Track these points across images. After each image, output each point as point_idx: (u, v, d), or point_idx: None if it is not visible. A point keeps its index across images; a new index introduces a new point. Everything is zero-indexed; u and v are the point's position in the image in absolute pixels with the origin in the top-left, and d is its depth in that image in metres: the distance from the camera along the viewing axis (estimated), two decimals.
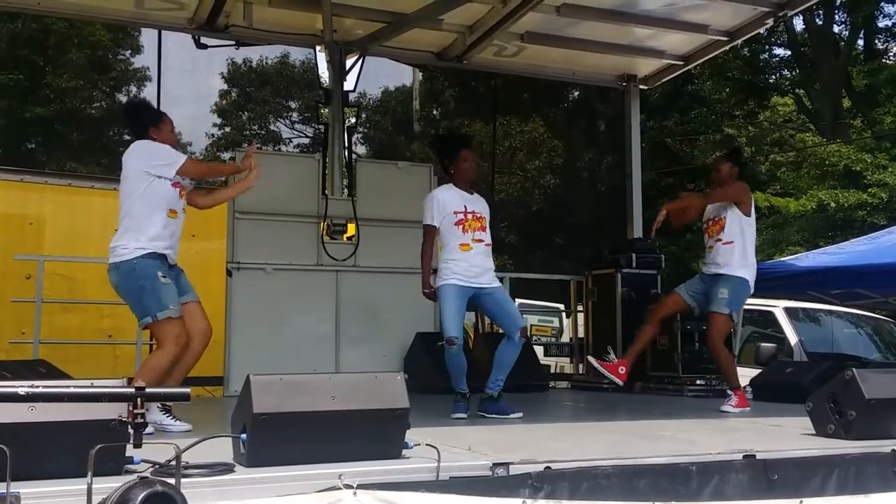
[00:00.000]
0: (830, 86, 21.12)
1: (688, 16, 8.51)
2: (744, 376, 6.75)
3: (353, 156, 8.78)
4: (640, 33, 8.82)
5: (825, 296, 9.85)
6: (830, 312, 9.98)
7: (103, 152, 25.38)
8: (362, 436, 3.32)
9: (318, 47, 8.70)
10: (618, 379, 6.28)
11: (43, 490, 2.72)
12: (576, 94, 23.41)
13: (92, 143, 25.51)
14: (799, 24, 21.98)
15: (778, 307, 9.40)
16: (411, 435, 3.47)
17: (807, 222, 18.48)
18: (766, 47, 23.09)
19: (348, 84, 8.49)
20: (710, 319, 6.29)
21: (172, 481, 2.54)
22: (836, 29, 22.34)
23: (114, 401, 2.80)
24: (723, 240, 6.29)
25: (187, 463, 2.88)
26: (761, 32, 12.44)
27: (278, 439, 3.17)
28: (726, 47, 9.53)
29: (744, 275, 6.23)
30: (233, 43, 8.53)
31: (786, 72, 23.89)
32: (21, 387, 2.51)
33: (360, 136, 26.02)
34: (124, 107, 5.04)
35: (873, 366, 8.14)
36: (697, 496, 3.43)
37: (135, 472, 2.92)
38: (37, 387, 2.54)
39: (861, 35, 22.43)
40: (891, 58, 22.90)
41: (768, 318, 9.50)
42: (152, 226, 4.70)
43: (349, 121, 9.62)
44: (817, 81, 21.74)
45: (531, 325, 13.92)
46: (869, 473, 3.75)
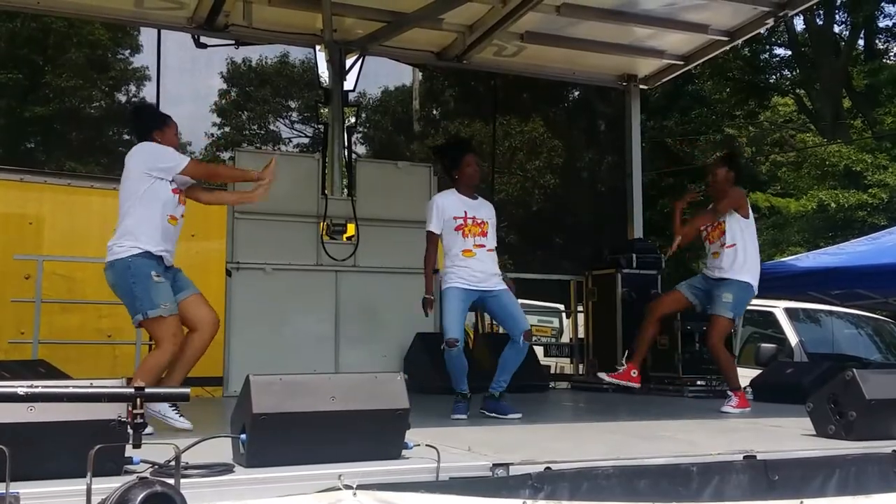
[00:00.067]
0: (831, 86, 21.12)
1: (688, 16, 8.51)
2: (744, 377, 6.75)
3: (353, 156, 8.78)
4: (640, 33, 8.81)
5: (825, 296, 9.85)
6: (831, 313, 9.97)
7: (103, 152, 25.38)
8: (362, 436, 3.32)
9: (317, 47, 8.70)
10: (633, 383, 6.38)
11: (42, 490, 2.72)
12: (576, 93, 23.41)
13: (91, 143, 25.50)
14: (799, 24, 22.01)
15: (778, 308, 9.40)
16: (411, 435, 3.46)
17: (807, 223, 18.47)
18: (767, 47, 23.10)
19: (348, 84, 8.49)
20: (711, 321, 6.29)
21: (172, 482, 2.53)
22: (836, 29, 22.37)
23: (113, 401, 2.80)
24: (725, 244, 6.30)
25: (187, 463, 2.88)
26: (762, 32, 12.41)
27: (278, 440, 3.17)
28: (727, 47, 9.52)
29: (748, 279, 6.24)
30: (232, 42, 8.53)
31: (786, 72, 23.90)
32: (20, 387, 2.50)
33: (359, 135, 26.03)
34: (129, 110, 5.05)
35: (874, 366, 8.13)
36: (698, 497, 3.43)
37: (134, 472, 2.92)
38: (36, 387, 2.54)
39: (861, 35, 22.43)
40: (891, 58, 22.92)
41: (768, 319, 9.50)
42: (150, 228, 4.70)
43: (349, 120, 9.62)
44: (818, 81, 21.74)
45: (531, 326, 13.92)
46: (870, 474, 3.75)
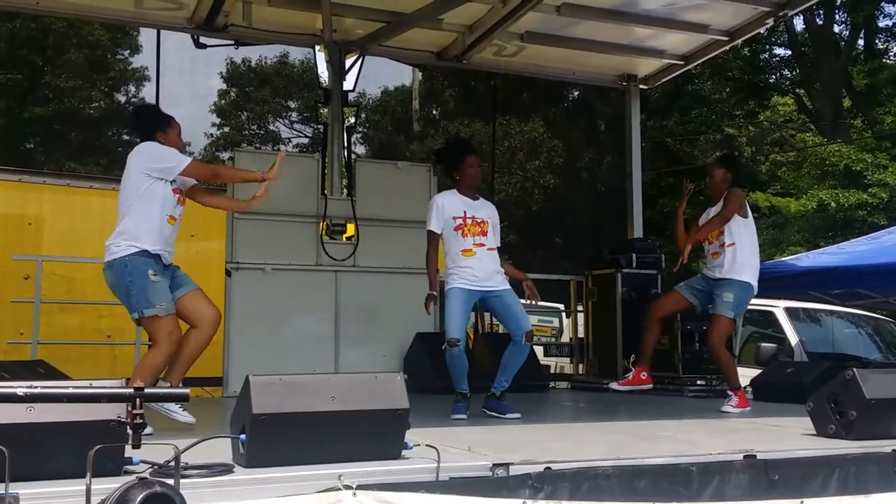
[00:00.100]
0: (831, 85, 21.13)
1: (688, 15, 8.50)
2: (744, 376, 6.74)
3: (353, 156, 8.78)
4: (640, 33, 8.81)
5: (826, 296, 9.84)
6: (831, 312, 9.97)
7: (102, 152, 25.39)
8: (362, 436, 3.32)
9: (317, 47, 8.70)
10: (645, 385, 6.44)
11: (42, 491, 2.71)
12: (576, 93, 23.41)
13: (90, 143, 25.50)
14: (799, 24, 22.01)
15: (778, 307, 9.39)
16: (411, 435, 3.46)
17: (807, 222, 18.47)
18: (767, 47, 23.10)
19: (348, 84, 8.48)
20: (712, 321, 6.29)
21: (171, 482, 2.53)
22: (836, 29, 22.37)
23: (112, 401, 2.80)
24: (725, 243, 6.29)
25: (186, 464, 2.88)
26: (762, 32, 12.43)
27: (278, 440, 3.17)
28: (727, 47, 9.52)
29: (748, 279, 6.23)
30: (232, 42, 8.53)
31: (786, 71, 23.90)
32: (20, 387, 2.50)
33: (359, 135, 26.03)
34: (133, 110, 5.04)
35: (874, 366, 8.13)
36: (698, 497, 3.43)
37: (134, 472, 2.91)
38: (35, 387, 2.54)
39: (861, 35, 22.44)
40: (891, 57, 22.94)
41: (769, 318, 9.49)
42: (148, 227, 4.71)
43: (348, 121, 9.62)
44: (818, 81, 21.74)
45: (531, 326, 13.89)
46: (870, 473, 3.75)
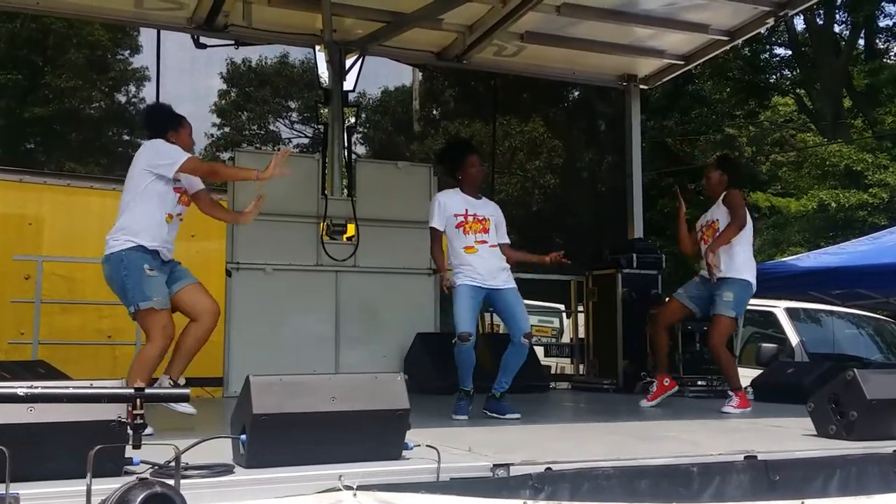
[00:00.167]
0: (831, 85, 21.12)
1: (688, 15, 8.49)
2: (745, 377, 6.74)
3: (353, 156, 8.77)
4: (640, 33, 8.80)
5: (826, 296, 9.83)
6: (831, 313, 9.95)
7: (102, 152, 25.38)
8: (362, 437, 3.32)
9: (317, 47, 8.70)
10: (671, 389, 6.41)
11: (42, 491, 2.71)
12: (576, 93, 23.40)
13: (91, 144, 25.49)
14: (799, 24, 21.99)
15: (779, 307, 9.38)
16: (411, 436, 3.46)
17: (808, 222, 18.46)
18: (767, 47, 23.09)
19: (348, 84, 8.48)
20: (713, 321, 6.28)
21: (172, 482, 2.53)
22: (836, 29, 22.37)
23: (113, 401, 2.80)
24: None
25: (187, 464, 2.88)
26: (762, 32, 12.43)
27: (278, 440, 3.16)
28: (727, 47, 9.51)
29: (747, 277, 6.22)
30: (232, 43, 8.53)
31: (786, 71, 23.89)
32: (20, 387, 2.50)
33: (359, 136, 26.00)
34: (145, 109, 5.02)
35: (875, 366, 8.13)
36: (698, 497, 3.43)
37: (134, 473, 2.91)
38: (36, 387, 2.54)
39: (862, 35, 22.43)
40: (892, 57, 22.92)
41: (769, 319, 9.48)
42: (146, 223, 4.72)
43: (349, 121, 9.62)
44: (818, 81, 21.74)
45: (531, 326, 13.88)
46: (870, 474, 3.75)
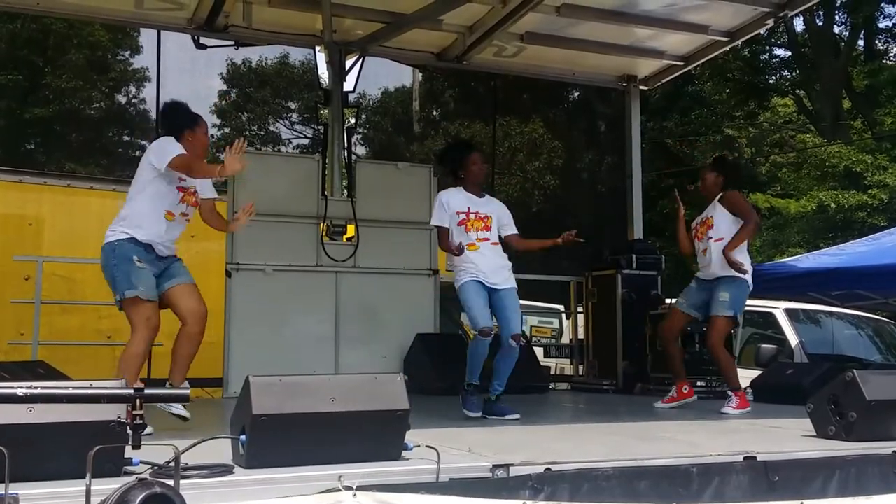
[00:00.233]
0: (831, 86, 21.13)
1: (688, 16, 8.50)
2: (744, 378, 6.74)
3: (353, 156, 8.77)
4: (640, 34, 8.80)
5: (825, 297, 9.82)
6: (831, 314, 9.95)
7: (102, 153, 25.36)
8: (362, 437, 3.32)
9: (317, 48, 8.70)
10: (689, 398, 6.38)
11: (41, 492, 2.71)
12: (576, 94, 23.42)
13: (91, 144, 25.47)
14: (799, 25, 22.03)
15: (778, 308, 9.39)
16: (411, 436, 3.46)
17: (807, 223, 18.47)
18: (767, 48, 23.12)
19: (348, 84, 8.48)
20: (711, 321, 6.27)
21: (171, 483, 2.53)
22: (836, 29, 22.39)
23: (112, 402, 2.80)
24: (713, 237, 6.26)
25: (186, 464, 2.88)
26: (761, 33, 12.43)
27: (278, 441, 3.16)
28: (726, 48, 9.52)
29: (742, 275, 6.20)
30: (232, 43, 8.53)
31: (786, 72, 23.92)
32: (20, 388, 2.50)
33: (359, 136, 26.01)
34: (162, 108, 5.00)
35: (874, 367, 8.13)
36: (698, 498, 3.43)
37: (133, 473, 2.91)
38: (35, 388, 2.53)
39: (861, 36, 22.45)
40: (891, 58, 22.95)
41: (769, 320, 9.48)
42: (143, 217, 4.73)
43: (349, 121, 9.62)
44: (818, 82, 21.75)
45: (531, 327, 13.91)
46: (870, 475, 3.75)
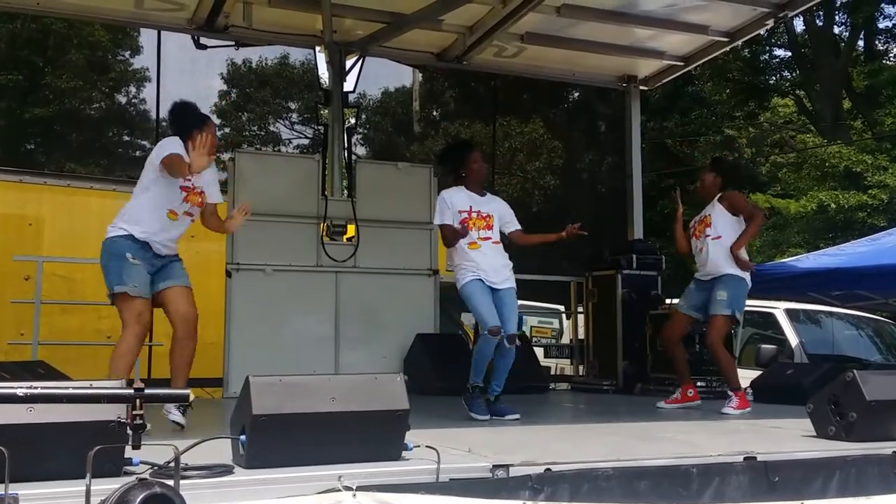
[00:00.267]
0: (831, 87, 21.13)
1: (688, 16, 8.50)
2: (744, 378, 6.74)
3: (353, 157, 8.77)
4: (640, 34, 8.80)
5: (826, 297, 9.83)
6: (831, 314, 9.96)
7: (102, 153, 25.35)
8: (362, 437, 3.32)
9: (317, 48, 8.70)
10: (694, 401, 6.39)
11: (41, 492, 2.71)
12: (576, 94, 23.42)
13: (91, 144, 25.46)
14: (799, 25, 22.03)
15: (778, 309, 9.39)
16: (411, 436, 3.46)
17: (807, 223, 18.47)
18: (767, 48, 23.11)
19: (348, 85, 8.48)
20: (710, 321, 6.28)
21: (171, 483, 2.53)
22: (836, 30, 22.38)
23: (112, 402, 2.80)
24: (710, 235, 6.28)
25: (186, 464, 2.88)
26: (761, 33, 12.42)
27: (278, 441, 3.16)
28: (726, 48, 9.51)
29: (739, 273, 6.21)
30: (232, 43, 8.54)
31: (786, 73, 23.92)
32: (20, 388, 2.50)
33: (359, 136, 26.00)
34: (171, 108, 5.02)
35: (874, 367, 8.13)
36: (698, 498, 3.43)
37: (133, 473, 2.91)
38: (35, 388, 2.53)
39: (861, 36, 22.45)
40: (891, 59, 22.95)
41: (769, 320, 9.49)
42: (143, 215, 4.74)
43: (349, 122, 9.61)
44: (818, 82, 21.75)
45: (531, 327, 13.91)
46: (870, 475, 3.75)
